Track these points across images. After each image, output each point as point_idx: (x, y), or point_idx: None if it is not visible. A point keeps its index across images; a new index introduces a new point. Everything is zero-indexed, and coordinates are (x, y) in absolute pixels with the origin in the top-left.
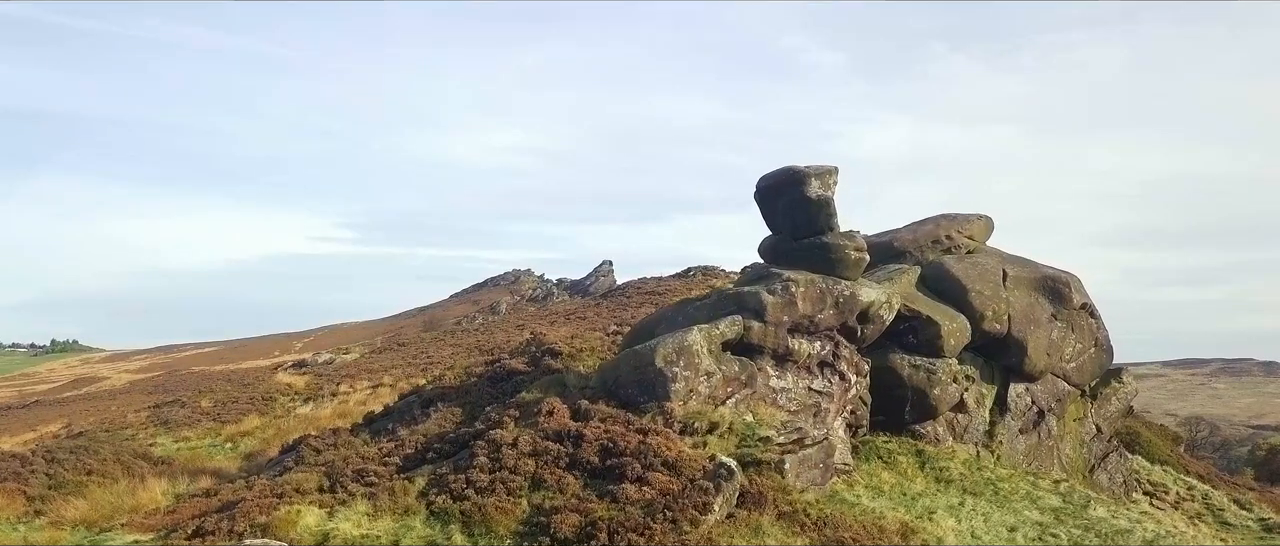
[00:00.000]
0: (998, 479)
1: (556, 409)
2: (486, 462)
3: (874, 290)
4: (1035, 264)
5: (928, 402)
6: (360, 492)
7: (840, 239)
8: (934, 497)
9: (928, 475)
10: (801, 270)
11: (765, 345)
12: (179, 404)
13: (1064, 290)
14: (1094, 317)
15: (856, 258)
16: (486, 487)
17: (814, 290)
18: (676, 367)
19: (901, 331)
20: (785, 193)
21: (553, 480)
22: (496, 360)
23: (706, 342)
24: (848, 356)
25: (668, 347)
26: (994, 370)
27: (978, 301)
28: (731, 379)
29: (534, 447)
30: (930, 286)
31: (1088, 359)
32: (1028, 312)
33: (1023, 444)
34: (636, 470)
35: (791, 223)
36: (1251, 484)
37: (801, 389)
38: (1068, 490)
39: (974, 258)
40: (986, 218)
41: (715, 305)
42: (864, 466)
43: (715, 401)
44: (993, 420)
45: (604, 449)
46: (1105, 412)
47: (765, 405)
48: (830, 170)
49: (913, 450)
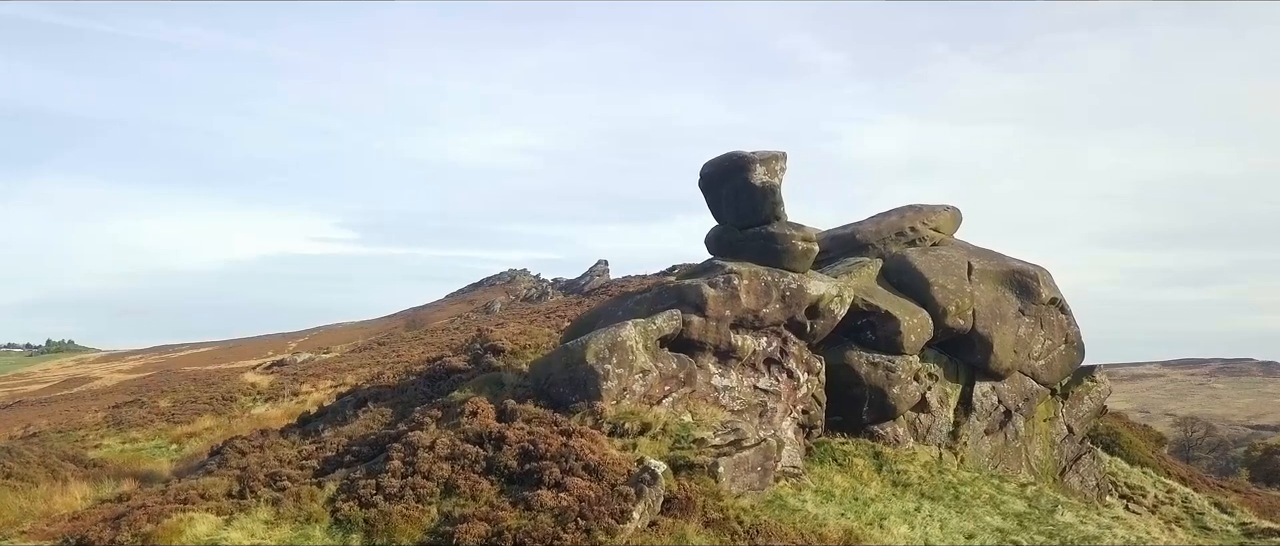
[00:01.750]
0: (960, 482)
1: (481, 409)
2: (400, 467)
3: (824, 283)
4: (1003, 257)
5: (886, 402)
6: (267, 498)
7: (787, 229)
8: (888, 502)
9: (884, 478)
10: (747, 262)
11: (706, 341)
12: (138, 404)
13: (1032, 284)
14: (1064, 313)
15: (804, 249)
16: (396, 494)
17: (758, 283)
18: (608, 365)
19: (859, 327)
20: (729, 179)
21: (467, 486)
22: (438, 358)
23: (642, 338)
24: (797, 353)
25: (600, 344)
26: (959, 368)
27: (940, 296)
28: (669, 377)
29: (452, 451)
30: (892, 280)
31: (1057, 356)
32: (994, 307)
33: (988, 445)
34: (555, 475)
35: (736, 211)
36: (1237, 487)
37: (747, 387)
38: (1034, 494)
39: (938, 250)
40: (954, 209)
41: (656, 299)
42: (816, 469)
43: (651, 400)
44: (957, 420)
45: (524, 452)
46: (1077, 412)
47: (706, 404)
48: (777, 156)
49: (870, 452)
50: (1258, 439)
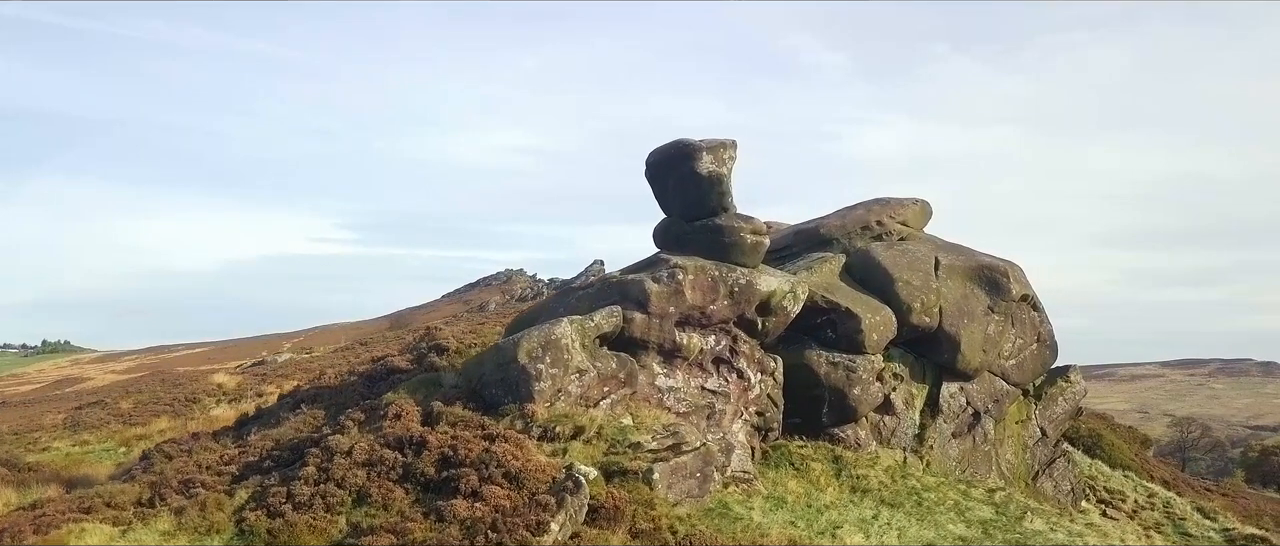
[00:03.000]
0: (924, 488)
1: (405, 412)
2: (314, 473)
3: (775, 278)
4: (972, 252)
5: (846, 403)
6: (173, 507)
7: (735, 220)
8: (844, 509)
9: (843, 484)
10: (694, 256)
11: (649, 339)
12: (100, 405)
13: (1002, 280)
14: (1037, 310)
15: (753, 242)
16: (306, 503)
17: (705, 278)
18: (541, 364)
19: (819, 325)
20: (675, 169)
21: (380, 494)
22: (381, 358)
23: (579, 336)
24: (749, 352)
25: (532, 342)
26: (926, 368)
27: (905, 292)
28: (608, 377)
29: (370, 456)
30: (856, 276)
31: (1029, 355)
32: (962, 304)
33: (956, 449)
34: (473, 483)
35: (682, 203)
36: (1226, 490)
37: (694, 388)
38: (1003, 500)
39: (905, 245)
40: (923, 202)
41: (598, 295)
42: (770, 474)
43: (588, 402)
44: (923, 423)
45: (443, 458)
46: (1051, 414)
47: (649, 406)
48: (725, 144)
49: (829, 456)
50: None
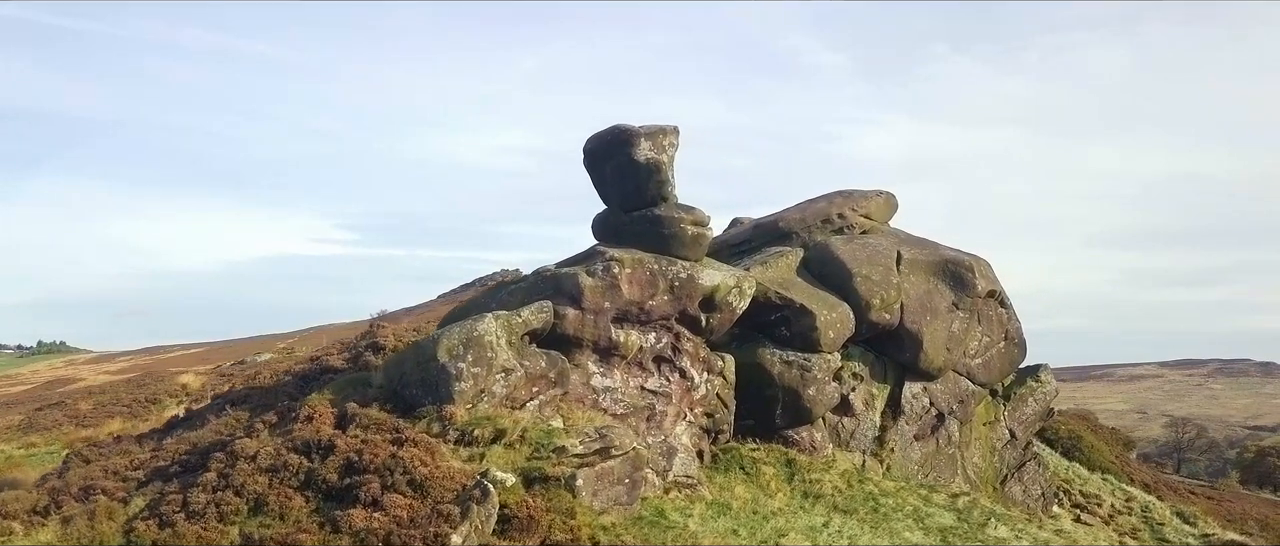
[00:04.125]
0: (882, 493)
1: (318, 414)
2: (214, 480)
3: (720, 272)
4: (937, 246)
5: (801, 404)
6: (64, 516)
7: (675, 211)
8: (793, 516)
9: (795, 489)
10: (632, 248)
11: (583, 336)
12: (60, 406)
13: (967, 275)
14: (1004, 306)
15: (695, 234)
16: (200, 512)
17: (643, 272)
18: (463, 363)
19: (773, 323)
20: (612, 156)
21: (278, 503)
22: (318, 358)
23: (505, 333)
24: (692, 351)
25: (453, 339)
26: (887, 367)
27: (864, 288)
28: (537, 377)
29: (274, 461)
30: (813, 271)
31: (996, 354)
32: (924, 301)
33: (918, 452)
34: (374, 491)
35: (620, 192)
36: (1212, 492)
37: (633, 389)
38: (967, 506)
39: (867, 238)
40: (887, 194)
41: (531, 289)
42: (718, 478)
43: (514, 403)
44: (884, 424)
45: (347, 464)
46: (1020, 415)
47: (583, 408)
48: (665, 130)
49: (782, 459)
50: (1255, 440)
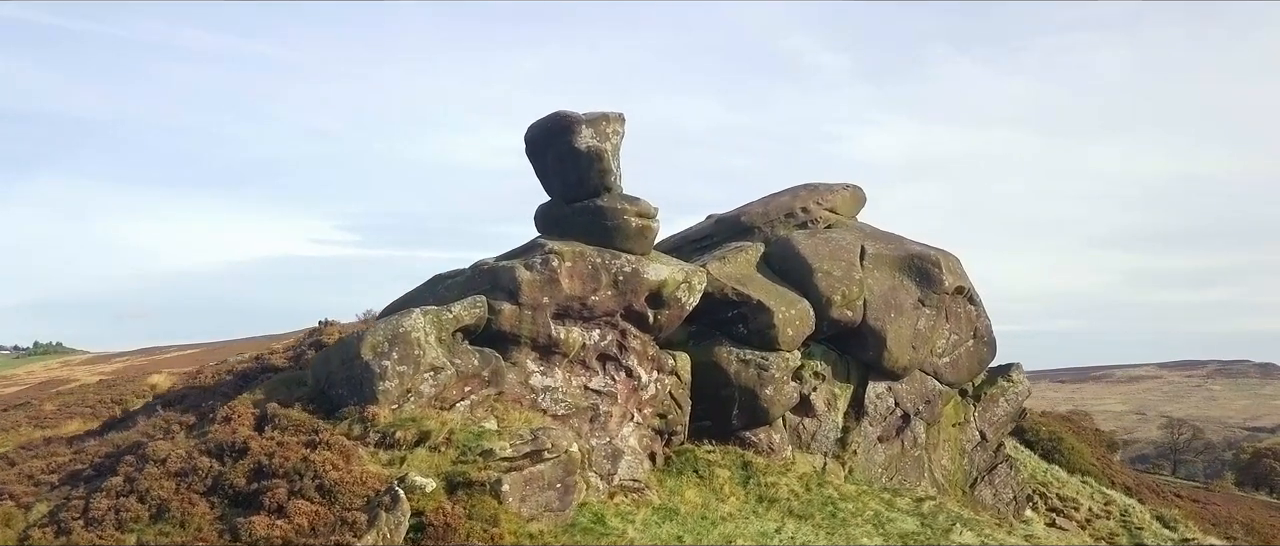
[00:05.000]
0: (841, 497)
1: (237, 415)
2: (119, 484)
3: (667, 267)
4: (903, 240)
5: (758, 405)
6: None
7: (618, 201)
8: (744, 522)
9: (750, 493)
10: (575, 240)
11: (521, 333)
12: (25, 407)
13: (934, 271)
14: (974, 303)
15: (639, 226)
16: (99, 518)
17: (584, 265)
18: (387, 361)
19: (730, 320)
20: (554, 144)
21: (180, 509)
22: (261, 357)
23: (434, 330)
24: (640, 349)
25: (378, 336)
26: (850, 366)
27: (825, 283)
28: (469, 375)
29: (185, 465)
30: (774, 267)
31: (964, 353)
32: (888, 297)
33: (882, 454)
34: (280, 497)
35: (562, 182)
36: (1197, 496)
37: (575, 388)
38: (931, 510)
39: (830, 233)
40: (854, 188)
41: (468, 283)
42: (670, 482)
43: (443, 404)
44: (846, 426)
45: (257, 468)
46: (991, 417)
47: (520, 408)
48: (609, 117)
49: (738, 462)
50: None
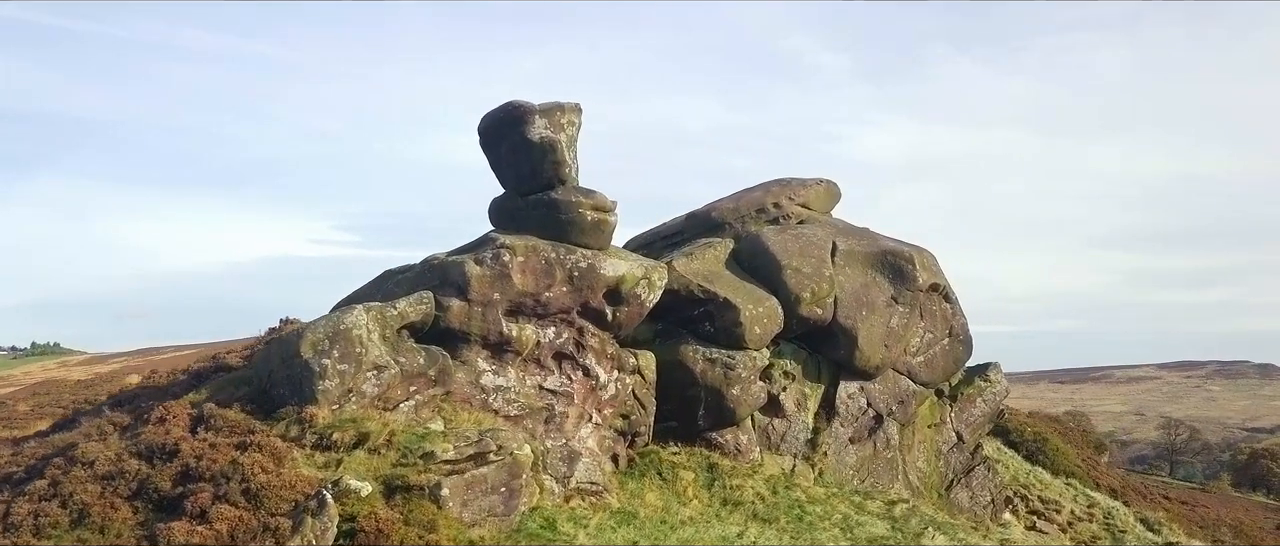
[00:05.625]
0: (809, 500)
1: (172, 416)
2: (43, 488)
3: (625, 262)
4: (876, 236)
5: (725, 405)
6: None
7: (573, 194)
8: (705, 526)
9: (714, 496)
10: (529, 235)
11: (471, 330)
12: (1, 406)
13: (907, 267)
14: (949, 301)
15: (595, 220)
16: (18, 524)
17: (537, 260)
18: (328, 360)
19: (696, 318)
20: (507, 135)
21: (101, 514)
22: (218, 356)
23: (378, 326)
24: (599, 347)
25: (318, 333)
26: (821, 365)
27: (794, 280)
28: (414, 374)
29: (113, 468)
30: (743, 263)
31: (939, 352)
32: (860, 294)
33: (854, 455)
34: (203, 502)
35: (516, 174)
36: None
37: (529, 388)
38: (904, 514)
39: (802, 228)
40: (828, 182)
41: (417, 279)
42: (631, 484)
43: (387, 403)
44: (817, 426)
45: (184, 471)
46: (968, 417)
47: (470, 409)
48: (563, 107)
49: (704, 464)
50: (1253, 441)
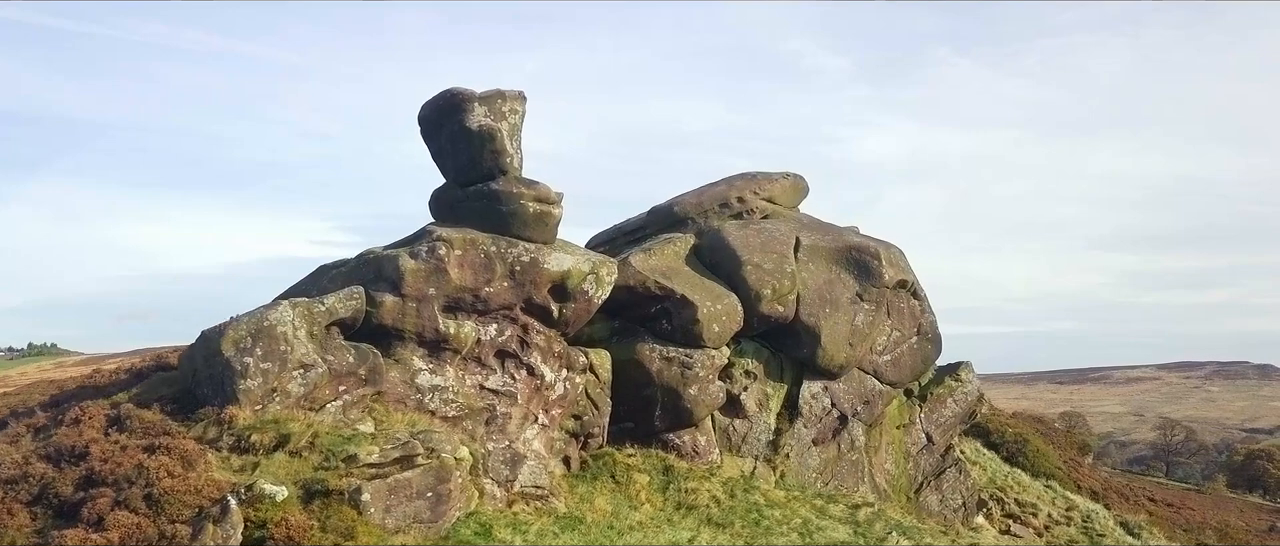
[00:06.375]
0: (768, 504)
1: (88, 416)
2: None
3: (571, 257)
4: (841, 231)
5: (682, 405)
6: None
7: (514, 185)
8: (655, 531)
9: (668, 499)
10: (469, 227)
11: (405, 327)
12: None
13: (872, 263)
14: (917, 298)
15: (538, 212)
16: None
17: (476, 254)
18: (250, 358)
19: (653, 315)
20: (446, 123)
21: None
22: (162, 355)
23: (305, 323)
24: (545, 345)
25: (241, 330)
26: (784, 364)
27: (754, 277)
28: (344, 373)
29: (17, 471)
30: (704, 259)
31: (907, 350)
32: (824, 291)
33: (817, 457)
34: (102, 507)
35: (455, 164)
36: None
37: (469, 388)
38: (868, 518)
39: (765, 224)
40: (794, 177)
41: (352, 273)
42: (581, 488)
43: (315, 404)
44: (780, 427)
45: (87, 475)
46: (939, 418)
47: (404, 409)
48: (505, 94)
49: (660, 466)
50: (1251, 442)
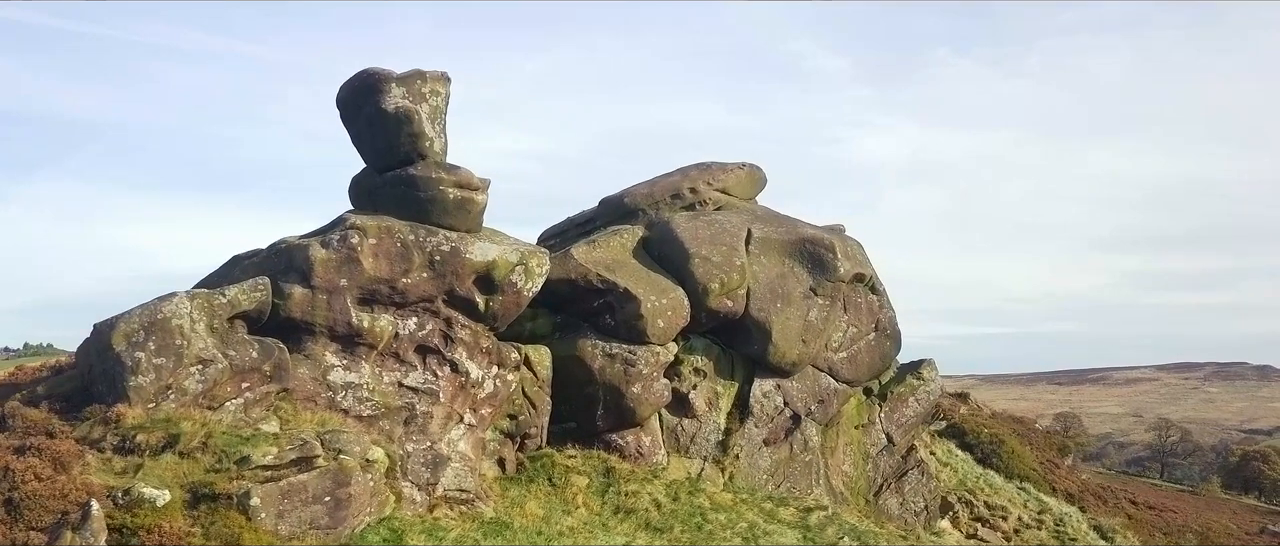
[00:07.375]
0: (713, 508)
1: None
2: None
3: (497, 247)
4: (796, 223)
5: (624, 404)
6: None
7: (433, 171)
8: (587, 536)
9: (607, 503)
10: (386, 215)
11: (315, 321)
12: None
13: (827, 256)
14: (875, 293)
15: (459, 198)
16: None
17: (392, 243)
18: (142, 352)
19: (596, 310)
20: (364, 106)
21: None
22: None
23: (204, 316)
24: (471, 340)
25: (133, 323)
26: (735, 362)
27: (702, 269)
28: (246, 369)
29: None
30: (653, 252)
31: (864, 347)
32: (776, 285)
33: (768, 459)
34: None
35: (373, 149)
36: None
37: (386, 385)
38: (820, 522)
39: (717, 215)
40: (750, 166)
41: (263, 263)
42: (513, 492)
43: (214, 401)
44: (730, 427)
45: None
46: (899, 418)
47: (314, 408)
48: (425, 75)
49: (601, 468)
50: (1249, 443)
